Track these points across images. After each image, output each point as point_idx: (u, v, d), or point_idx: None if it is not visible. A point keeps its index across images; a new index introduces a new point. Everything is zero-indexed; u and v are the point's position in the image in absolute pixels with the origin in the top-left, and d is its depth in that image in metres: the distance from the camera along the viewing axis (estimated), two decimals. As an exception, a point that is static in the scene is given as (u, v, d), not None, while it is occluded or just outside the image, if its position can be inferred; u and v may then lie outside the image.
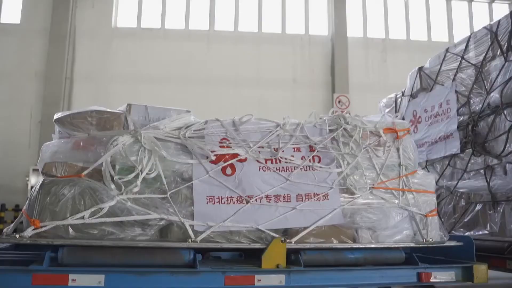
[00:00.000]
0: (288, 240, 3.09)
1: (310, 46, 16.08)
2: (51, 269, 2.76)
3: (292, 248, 3.11)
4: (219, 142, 3.41)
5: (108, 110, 3.52)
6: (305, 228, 3.22)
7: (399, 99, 6.60)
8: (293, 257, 3.16)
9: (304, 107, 13.16)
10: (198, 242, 2.99)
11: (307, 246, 3.19)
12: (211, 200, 3.17)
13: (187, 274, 2.89)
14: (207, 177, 3.22)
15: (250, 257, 3.36)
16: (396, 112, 6.48)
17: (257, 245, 3.10)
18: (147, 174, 3.10)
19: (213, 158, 3.27)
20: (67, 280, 2.69)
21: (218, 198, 3.18)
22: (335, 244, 3.27)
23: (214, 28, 15.93)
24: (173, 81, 14.99)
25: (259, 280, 2.96)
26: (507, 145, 4.46)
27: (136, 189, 3.04)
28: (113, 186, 3.02)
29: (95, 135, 3.27)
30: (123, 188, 3.01)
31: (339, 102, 15.07)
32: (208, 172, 3.23)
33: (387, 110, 6.81)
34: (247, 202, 3.21)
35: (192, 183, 3.18)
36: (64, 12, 15.16)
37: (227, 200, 3.19)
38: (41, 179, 3.06)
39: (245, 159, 3.36)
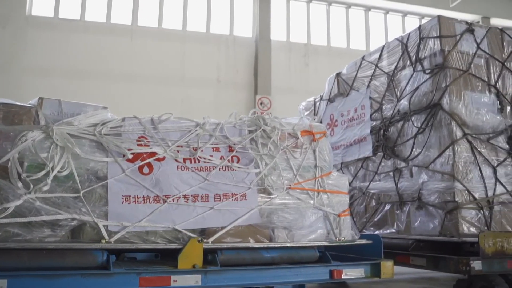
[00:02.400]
0: (205, 240, 3.09)
1: (235, 47, 16.16)
2: None
3: (209, 248, 3.11)
4: (137, 140, 3.33)
5: (17, 103, 3.32)
6: (222, 228, 3.24)
7: (318, 103, 6.84)
8: (210, 257, 3.16)
9: (227, 107, 13.17)
10: (112, 242, 2.90)
11: (224, 245, 3.20)
12: (127, 199, 3.08)
13: (99, 276, 2.78)
14: (123, 176, 3.13)
15: (167, 258, 3.32)
16: (314, 115, 6.71)
17: (173, 245, 3.07)
18: (58, 172, 2.95)
19: (130, 156, 3.19)
20: (-38, 287, 2.50)
21: (134, 197, 3.11)
22: (252, 243, 3.33)
23: (137, 24, 15.50)
24: (93, 76, 14.35)
25: (175, 281, 2.93)
26: (414, 150, 4.79)
27: (46, 188, 2.88)
28: (20, 184, 2.84)
29: (1, 129, 3.05)
30: (31, 186, 2.83)
31: (261, 103, 15.30)
32: (124, 171, 3.14)
33: (306, 113, 7.03)
34: (164, 201, 3.16)
35: (107, 182, 3.08)
36: (-28, -5, 14.02)
37: (144, 200, 3.12)
38: None
39: (163, 158, 3.31)
